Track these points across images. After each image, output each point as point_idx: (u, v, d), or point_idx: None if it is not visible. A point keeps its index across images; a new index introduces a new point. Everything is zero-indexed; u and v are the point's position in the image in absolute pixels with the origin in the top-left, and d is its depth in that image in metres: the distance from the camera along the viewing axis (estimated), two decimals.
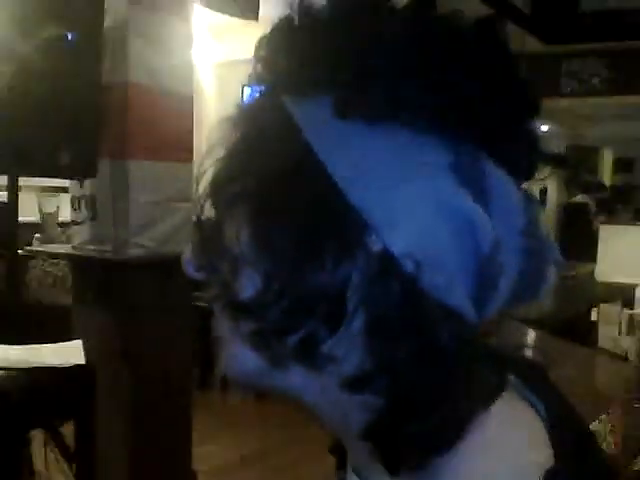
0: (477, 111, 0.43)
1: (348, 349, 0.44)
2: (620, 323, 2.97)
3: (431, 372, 0.43)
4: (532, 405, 0.49)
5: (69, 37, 2.18)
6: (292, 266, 0.44)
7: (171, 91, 2.66)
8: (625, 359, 2.92)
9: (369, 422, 0.45)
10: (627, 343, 2.96)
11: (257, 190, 0.45)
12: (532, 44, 5.98)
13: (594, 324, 3.32)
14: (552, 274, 0.47)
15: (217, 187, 0.48)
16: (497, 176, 0.44)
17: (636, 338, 2.95)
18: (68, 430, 2.19)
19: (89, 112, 2.34)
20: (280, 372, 0.47)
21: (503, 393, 0.48)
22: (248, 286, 0.45)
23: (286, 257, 0.44)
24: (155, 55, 2.58)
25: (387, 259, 0.42)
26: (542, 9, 6.04)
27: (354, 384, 0.45)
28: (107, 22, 2.44)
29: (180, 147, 2.73)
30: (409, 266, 0.41)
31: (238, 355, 0.49)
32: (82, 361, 2.05)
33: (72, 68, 2.22)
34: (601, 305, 3.14)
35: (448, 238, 0.42)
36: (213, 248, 0.48)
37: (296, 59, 0.46)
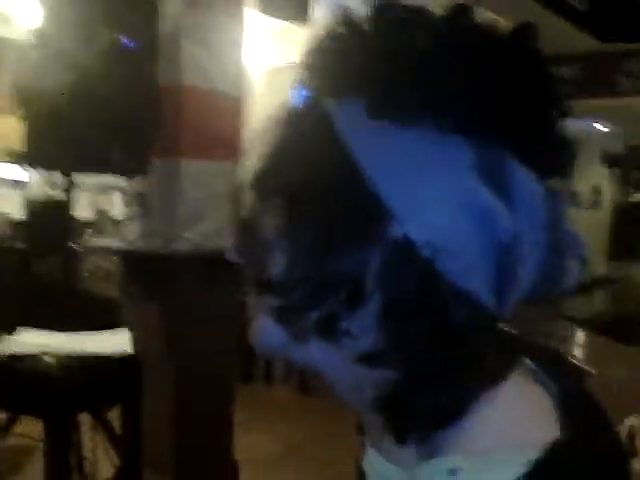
0: (503, 115, 0.47)
1: (365, 327, 0.49)
2: None
3: (442, 351, 0.47)
4: (545, 386, 0.52)
5: (126, 42, 2.27)
6: (319, 250, 0.48)
7: (222, 92, 2.74)
8: None
9: (381, 394, 0.50)
10: None
11: (293, 180, 0.50)
12: (588, 42, 5.87)
13: None
14: (576, 270, 0.51)
15: (258, 180, 0.53)
16: (520, 175, 0.47)
17: None
18: (114, 416, 2.29)
19: (143, 113, 2.43)
20: (302, 346, 0.52)
21: (515, 375, 0.52)
22: (277, 266, 0.50)
23: (315, 241, 0.48)
24: (207, 57, 2.66)
25: (406, 246, 0.46)
26: (598, 6, 5.91)
27: (369, 359, 0.49)
28: (162, 26, 2.53)
29: (229, 146, 2.81)
30: (427, 252, 0.45)
31: (264, 328, 0.54)
32: (129, 350, 2.14)
33: (128, 72, 2.31)
34: None
35: (467, 229, 0.46)
36: (251, 234, 0.53)
37: (337, 65, 0.50)
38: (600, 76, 6.21)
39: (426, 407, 0.48)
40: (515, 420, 0.49)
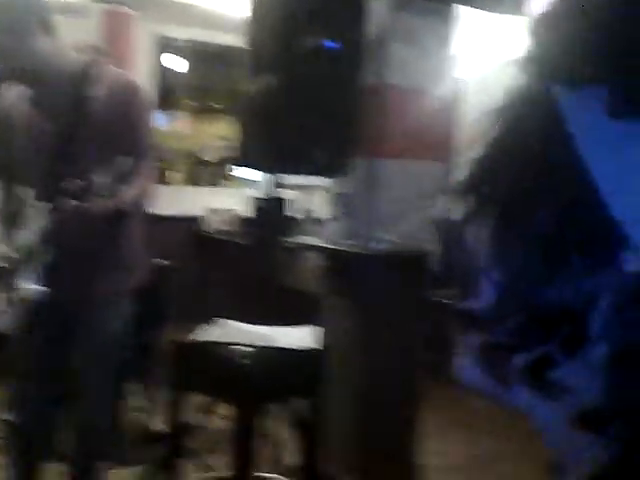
0: None
1: (585, 380, 0.40)
2: None
3: None
4: None
5: (332, 45, 2.31)
6: (532, 277, 0.41)
7: (429, 92, 2.69)
8: None
9: (600, 466, 0.41)
10: None
11: (512, 187, 0.43)
12: None
13: None
14: None
15: (471, 184, 0.46)
16: None
17: None
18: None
19: (348, 114, 2.47)
20: (507, 389, 0.45)
21: None
22: (484, 294, 0.44)
23: (527, 267, 0.41)
24: (414, 57, 2.62)
25: None
26: None
27: (587, 422, 0.41)
28: (369, 27, 2.54)
29: (437, 146, 2.75)
30: None
31: (466, 367, 0.48)
32: (315, 345, 2.20)
33: (333, 72, 2.35)
34: None
35: None
36: (455, 249, 0.47)
37: (569, 46, 0.42)
38: None
39: None
40: None
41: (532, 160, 0.41)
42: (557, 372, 0.41)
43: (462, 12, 2.78)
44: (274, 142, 2.26)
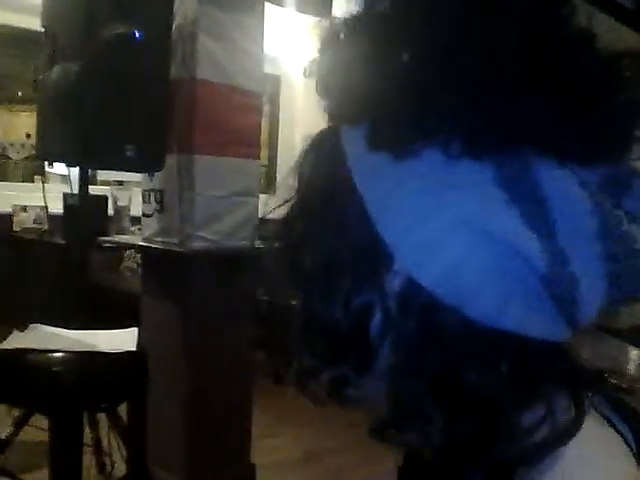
0: (519, 111, 0.38)
1: (376, 392, 0.43)
2: None
3: (476, 418, 0.40)
4: (614, 427, 0.44)
5: (137, 35, 2.25)
6: (315, 294, 0.44)
7: (240, 88, 2.70)
8: None
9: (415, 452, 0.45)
10: None
11: (305, 212, 0.46)
12: (635, 40, 5.67)
13: None
14: None
15: (287, 211, 0.49)
16: (556, 179, 0.38)
17: None
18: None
19: (157, 107, 2.41)
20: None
21: (588, 422, 0.43)
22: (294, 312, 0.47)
23: (310, 284, 0.44)
24: (224, 52, 2.62)
25: (412, 294, 0.40)
26: None
27: (376, 433, 0.44)
28: (177, 20, 2.51)
29: (247, 143, 2.77)
30: (441, 300, 0.39)
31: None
32: (133, 348, 2.11)
33: (140, 64, 2.29)
34: None
35: (487, 265, 0.39)
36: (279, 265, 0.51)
37: (341, 84, 0.45)
38: None
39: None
40: (607, 468, 0.42)
41: (321, 192, 0.45)
42: (352, 388, 0.44)
43: (273, 10, 2.83)
44: (78, 135, 2.15)
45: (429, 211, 0.39)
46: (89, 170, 2.41)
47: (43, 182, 3.03)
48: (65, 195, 3.68)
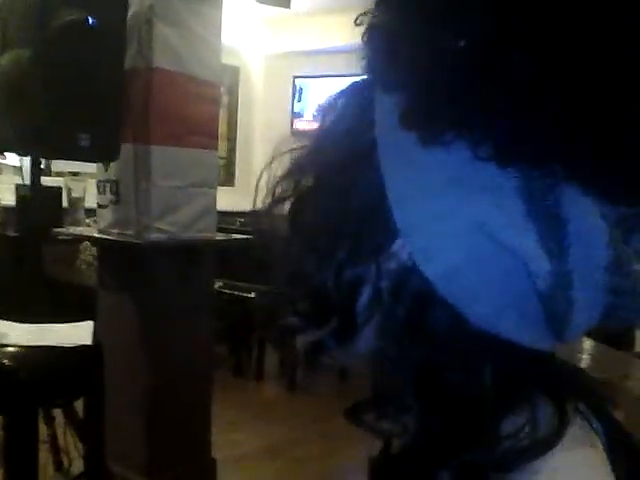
0: (561, 132, 0.36)
1: (351, 365, 0.45)
2: None
3: (462, 406, 0.40)
4: (591, 426, 0.44)
5: (90, 21, 2.20)
6: (309, 256, 0.43)
7: (197, 78, 2.66)
8: None
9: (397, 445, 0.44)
10: None
11: (315, 174, 0.45)
12: None
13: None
14: None
15: (291, 170, 0.47)
16: (580, 204, 0.37)
17: None
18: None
19: (112, 96, 2.36)
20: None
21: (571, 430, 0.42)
22: (276, 282, 0.47)
23: (307, 244, 0.44)
24: (182, 41, 2.58)
25: (409, 281, 0.40)
26: None
27: (354, 415, 0.44)
28: (133, 7, 2.46)
29: (205, 133, 2.74)
30: (440, 295, 0.39)
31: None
32: (89, 342, 2.06)
33: (94, 52, 2.24)
34: None
35: (492, 272, 0.38)
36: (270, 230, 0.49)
37: (384, 51, 0.42)
38: None
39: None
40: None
41: (334, 157, 0.43)
42: (329, 356, 0.44)
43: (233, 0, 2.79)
44: (29, 124, 2.09)
45: (448, 207, 0.38)
46: (42, 160, 2.35)
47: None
48: (17, 186, 3.60)
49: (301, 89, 6.76)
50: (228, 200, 4.71)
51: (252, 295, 4.65)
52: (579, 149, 0.37)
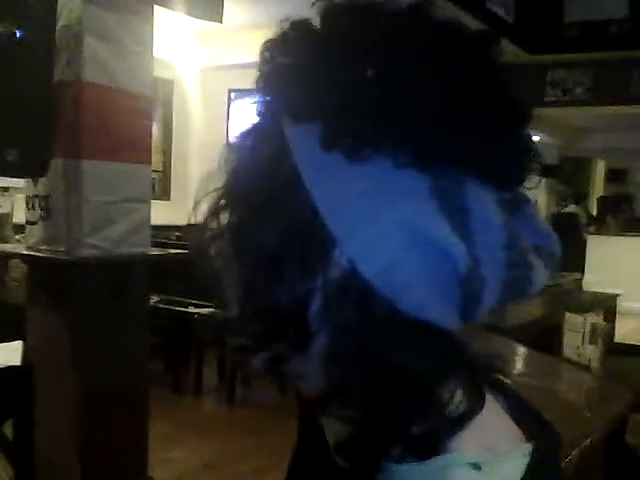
0: (460, 136, 0.44)
1: (313, 370, 0.47)
2: (584, 332, 2.94)
3: (395, 395, 0.46)
4: (494, 396, 0.52)
5: (18, 34, 2.16)
6: (260, 281, 0.46)
7: (128, 91, 2.63)
8: (588, 368, 2.89)
9: (339, 437, 0.49)
10: (589, 352, 2.93)
11: (243, 204, 0.48)
12: (515, 54, 5.97)
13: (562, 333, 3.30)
14: (543, 274, 0.49)
15: (211, 211, 0.50)
16: (479, 196, 0.45)
17: (597, 347, 2.92)
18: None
19: (40, 110, 2.32)
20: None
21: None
22: (231, 304, 0.50)
23: (256, 272, 0.47)
24: (112, 54, 2.55)
25: (352, 284, 0.44)
26: (525, 19, 6.04)
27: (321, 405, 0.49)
28: (62, 20, 2.43)
29: (137, 147, 2.71)
30: (378, 287, 0.44)
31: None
32: (18, 362, 2.01)
33: (22, 65, 2.20)
34: (566, 314, 3.11)
35: (421, 265, 0.44)
36: (207, 261, 0.52)
37: (291, 82, 0.47)
38: (527, 87, 6.33)
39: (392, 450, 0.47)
40: (501, 424, 0.51)
41: (262, 186, 0.48)
42: (289, 365, 0.48)
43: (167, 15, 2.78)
44: None
45: (375, 212, 0.44)
46: None
47: None
48: None
49: (236, 101, 6.76)
50: (164, 214, 4.67)
51: (190, 310, 4.61)
52: (472, 148, 0.45)
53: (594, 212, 11.04)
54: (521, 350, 2.77)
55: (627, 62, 6.10)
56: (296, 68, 0.47)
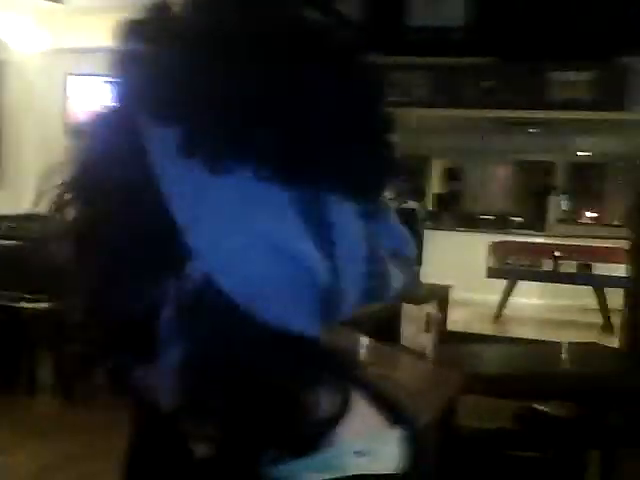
0: (320, 151, 0.44)
1: (165, 382, 0.44)
2: (420, 322, 3.12)
3: (258, 408, 0.44)
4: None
5: None
6: (104, 288, 0.44)
7: None
8: (424, 356, 3.06)
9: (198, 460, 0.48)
10: (424, 340, 3.11)
11: (88, 211, 0.45)
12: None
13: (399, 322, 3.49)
14: (399, 281, 0.50)
15: (56, 206, 0.47)
16: (341, 208, 0.45)
17: (431, 335, 3.11)
18: None
19: None
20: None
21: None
22: (70, 308, 0.47)
23: (99, 283, 0.45)
24: None
25: (209, 297, 0.43)
26: (367, 20, 6.25)
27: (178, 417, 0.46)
28: None
29: None
30: (239, 304, 0.43)
31: None
32: None
33: None
34: (404, 305, 3.28)
35: (281, 278, 0.43)
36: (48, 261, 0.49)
37: (154, 73, 0.44)
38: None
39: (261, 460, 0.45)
40: (369, 414, 0.52)
41: (114, 185, 0.45)
42: (134, 377, 0.45)
43: None
44: None
45: (237, 224, 0.43)
46: None
47: None
48: None
49: (77, 86, 6.44)
50: None
51: (21, 305, 4.33)
52: (332, 162, 0.45)
53: (431, 208, 11.71)
54: (364, 340, 2.89)
55: (464, 68, 6.50)
56: (157, 61, 0.44)
